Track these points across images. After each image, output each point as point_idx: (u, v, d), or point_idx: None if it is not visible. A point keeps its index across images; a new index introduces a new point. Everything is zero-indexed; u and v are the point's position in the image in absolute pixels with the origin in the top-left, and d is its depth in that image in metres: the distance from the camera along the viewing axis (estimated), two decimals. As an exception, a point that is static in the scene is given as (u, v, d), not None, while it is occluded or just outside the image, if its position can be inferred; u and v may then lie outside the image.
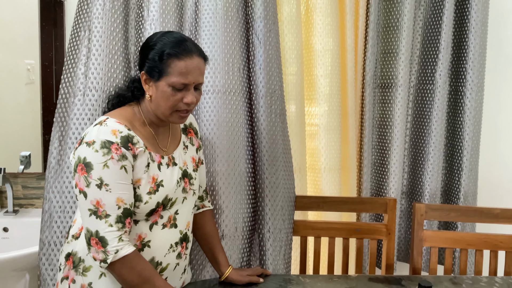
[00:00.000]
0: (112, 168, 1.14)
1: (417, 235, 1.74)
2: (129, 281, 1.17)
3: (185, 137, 1.42)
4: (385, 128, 1.99)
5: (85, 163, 1.14)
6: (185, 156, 1.39)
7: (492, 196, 2.19)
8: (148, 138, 1.27)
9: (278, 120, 1.72)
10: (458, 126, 1.99)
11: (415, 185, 2.06)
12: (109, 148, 1.15)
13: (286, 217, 1.76)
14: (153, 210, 1.23)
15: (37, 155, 1.98)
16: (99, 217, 1.14)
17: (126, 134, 1.19)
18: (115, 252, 1.14)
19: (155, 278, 1.17)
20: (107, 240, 1.14)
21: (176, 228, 1.31)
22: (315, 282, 1.54)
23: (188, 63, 1.20)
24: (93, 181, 1.14)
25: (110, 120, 1.20)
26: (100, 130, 1.17)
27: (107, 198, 1.14)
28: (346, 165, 2.01)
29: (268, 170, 1.71)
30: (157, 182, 1.24)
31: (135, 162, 1.20)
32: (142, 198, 1.21)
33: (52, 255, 1.59)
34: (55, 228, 1.59)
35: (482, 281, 1.59)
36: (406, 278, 1.60)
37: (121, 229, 1.15)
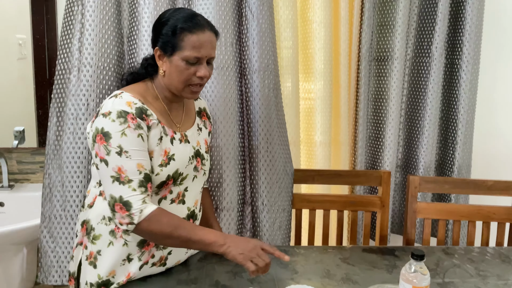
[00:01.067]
0: (130, 136, 1.18)
1: (410, 207, 1.76)
2: (161, 234, 1.19)
3: (199, 119, 1.45)
4: (381, 102, 1.99)
5: (103, 133, 1.18)
6: (199, 137, 1.42)
7: (487, 168, 2.20)
8: (161, 113, 1.30)
9: (272, 94, 1.71)
10: (454, 99, 1.99)
11: (409, 158, 2.07)
12: (125, 117, 1.18)
13: (282, 190, 1.78)
14: (163, 183, 1.26)
15: (31, 130, 1.97)
16: (122, 182, 1.17)
17: (140, 106, 1.22)
18: (140, 211, 1.16)
19: (185, 223, 1.21)
20: (131, 203, 1.16)
21: (184, 204, 1.34)
22: (309, 253, 1.56)
23: (201, 36, 1.23)
24: (113, 149, 1.17)
25: (125, 93, 1.23)
26: (115, 102, 1.20)
27: (128, 164, 1.17)
28: (338, 138, 2.02)
29: (262, 144, 1.72)
30: (169, 156, 1.27)
31: (149, 133, 1.23)
32: (153, 169, 1.24)
33: (52, 228, 1.61)
34: (54, 202, 1.60)
35: (474, 251, 1.61)
36: (399, 248, 1.63)
37: (144, 193, 1.18)
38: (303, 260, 1.51)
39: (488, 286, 1.37)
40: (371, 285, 1.33)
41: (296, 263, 1.49)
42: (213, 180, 1.70)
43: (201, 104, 1.49)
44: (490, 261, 1.54)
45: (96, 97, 1.55)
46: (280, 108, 1.77)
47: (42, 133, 1.96)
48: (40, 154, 1.95)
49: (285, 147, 1.79)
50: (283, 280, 1.35)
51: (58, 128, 1.59)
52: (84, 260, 1.31)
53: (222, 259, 1.47)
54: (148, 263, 1.32)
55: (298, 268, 1.45)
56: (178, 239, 1.21)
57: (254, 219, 1.80)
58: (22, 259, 1.82)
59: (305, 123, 2.03)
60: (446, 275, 1.43)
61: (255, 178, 1.75)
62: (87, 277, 1.30)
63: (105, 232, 1.28)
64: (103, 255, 1.28)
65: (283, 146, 1.78)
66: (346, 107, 1.98)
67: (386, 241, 1.84)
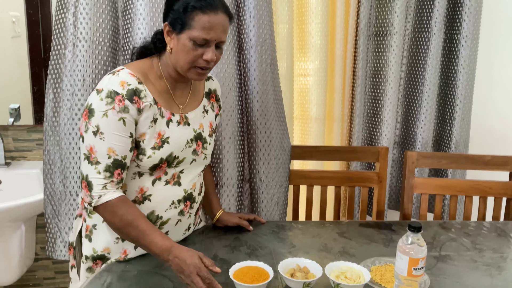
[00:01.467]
0: (111, 118, 1.16)
1: (408, 182, 1.76)
2: (111, 225, 1.21)
3: (207, 101, 1.41)
4: (379, 78, 1.97)
5: (90, 109, 1.17)
6: (203, 119, 1.38)
7: (484, 144, 2.20)
8: (161, 93, 1.26)
9: (268, 69, 1.70)
10: (452, 74, 1.97)
11: (407, 134, 2.07)
12: (113, 98, 1.16)
13: (280, 166, 1.77)
14: (156, 165, 1.24)
15: (27, 108, 1.95)
16: (91, 162, 1.17)
17: (133, 87, 1.19)
18: (98, 197, 1.17)
19: (138, 221, 1.17)
20: (92, 185, 1.17)
21: (180, 186, 1.32)
22: (307, 228, 1.57)
23: (212, 18, 1.17)
24: (91, 128, 1.16)
25: (124, 71, 1.20)
26: (111, 80, 1.18)
27: (99, 146, 1.16)
28: (332, 114, 2.01)
29: (260, 120, 1.71)
30: (163, 138, 1.24)
31: (139, 116, 1.20)
32: (145, 152, 1.22)
33: (55, 204, 1.61)
34: (55, 179, 1.60)
35: (470, 226, 1.63)
36: (396, 223, 1.64)
37: (108, 178, 1.17)
38: (301, 234, 1.52)
39: (484, 259, 1.38)
40: (368, 258, 1.34)
41: (294, 237, 1.50)
42: (214, 156, 1.69)
43: (212, 85, 1.44)
44: (486, 235, 1.55)
45: (92, 73, 1.53)
46: (277, 84, 1.75)
47: (37, 110, 1.94)
48: (36, 132, 1.94)
49: (282, 123, 1.78)
50: (280, 253, 1.36)
51: (55, 104, 1.57)
52: (83, 233, 1.32)
53: (220, 234, 1.49)
54: None
55: (296, 242, 1.46)
56: (127, 236, 1.21)
57: (252, 195, 1.80)
58: (20, 237, 1.82)
59: (300, 99, 2.02)
60: (443, 248, 1.44)
61: (253, 154, 1.75)
62: (83, 250, 1.31)
63: None
64: (98, 230, 1.29)
65: (280, 122, 1.77)
66: (341, 83, 1.96)
67: (383, 216, 1.85)
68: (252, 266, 1.21)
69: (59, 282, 2.10)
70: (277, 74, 1.74)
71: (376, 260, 1.34)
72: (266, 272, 1.18)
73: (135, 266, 1.26)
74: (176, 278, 1.20)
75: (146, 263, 1.28)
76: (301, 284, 1.14)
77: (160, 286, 1.16)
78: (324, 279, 1.18)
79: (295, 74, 1.97)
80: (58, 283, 2.10)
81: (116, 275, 1.22)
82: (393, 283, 1.17)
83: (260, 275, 1.17)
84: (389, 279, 1.23)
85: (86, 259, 1.30)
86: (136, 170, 1.25)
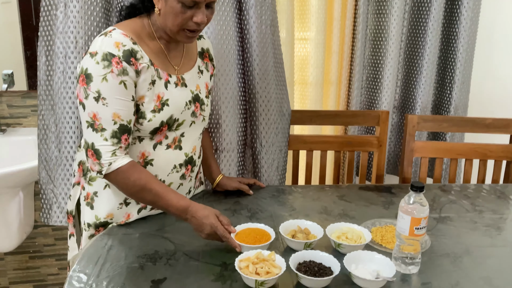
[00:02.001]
0: (111, 82, 1.12)
1: (408, 146, 1.76)
2: (125, 191, 1.20)
3: (201, 61, 1.37)
4: (380, 41, 1.94)
5: (86, 74, 1.12)
6: (199, 80, 1.34)
7: (483, 109, 2.19)
8: (156, 53, 1.22)
9: (268, 31, 1.65)
10: (453, 37, 1.94)
11: (407, 99, 2.05)
12: (110, 61, 1.11)
13: (279, 131, 1.76)
14: (157, 129, 1.22)
15: (21, 73, 1.90)
16: (95, 130, 1.14)
17: (129, 48, 1.14)
18: (108, 164, 1.14)
19: (151, 184, 1.17)
20: (100, 153, 1.14)
21: (181, 150, 1.30)
22: (307, 192, 1.57)
23: None
24: (91, 94, 1.12)
25: (116, 31, 1.15)
26: (104, 41, 1.13)
27: (103, 112, 1.13)
28: (328, 78, 1.98)
29: (259, 84, 1.68)
30: (162, 101, 1.21)
31: (137, 78, 1.16)
32: (145, 115, 1.19)
33: (50, 170, 1.60)
34: (50, 144, 1.57)
35: (470, 188, 1.63)
36: (396, 186, 1.64)
37: (116, 144, 1.15)
38: (301, 198, 1.52)
39: (484, 220, 1.39)
40: (368, 220, 1.34)
41: (294, 201, 1.50)
42: (213, 122, 1.67)
43: (204, 44, 1.40)
44: (486, 197, 1.56)
45: (84, 34, 1.49)
46: (277, 46, 1.71)
47: (31, 76, 1.90)
48: (31, 98, 1.90)
49: (282, 87, 1.75)
50: (281, 216, 1.36)
51: (48, 68, 1.53)
52: (83, 201, 1.31)
53: (221, 198, 1.48)
54: (146, 207, 1.31)
55: (296, 205, 1.46)
56: (142, 200, 1.21)
57: (253, 160, 1.79)
58: (19, 203, 1.81)
59: (299, 64, 1.98)
60: (443, 210, 1.44)
61: (253, 119, 1.73)
62: (85, 218, 1.30)
63: None
64: (99, 197, 1.27)
65: (280, 86, 1.74)
66: (338, 47, 1.92)
67: (382, 180, 1.85)
68: (254, 228, 1.21)
69: (59, 248, 2.11)
70: (278, 36, 1.70)
71: (377, 221, 1.34)
72: (268, 234, 1.19)
73: (137, 229, 1.26)
74: (177, 240, 1.20)
75: (147, 226, 1.28)
76: (302, 244, 1.15)
77: (162, 248, 1.16)
78: (325, 240, 1.18)
79: (296, 38, 1.93)
80: (58, 249, 2.11)
81: (117, 238, 1.22)
82: (394, 244, 1.17)
83: (262, 237, 1.17)
84: (390, 239, 1.23)
85: (88, 227, 1.29)
86: (136, 135, 1.22)
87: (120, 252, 1.15)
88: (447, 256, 1.17)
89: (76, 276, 1.04)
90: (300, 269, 1.03)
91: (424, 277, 1.08)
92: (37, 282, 2.15)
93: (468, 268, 1.12)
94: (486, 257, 1.18)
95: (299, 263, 1.06)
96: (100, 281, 1.02)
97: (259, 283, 0.99)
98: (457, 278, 1.08)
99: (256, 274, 1.00)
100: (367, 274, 1.03)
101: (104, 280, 1.03)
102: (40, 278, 2.15)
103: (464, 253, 1.19)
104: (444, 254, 1.18)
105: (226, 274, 1.06)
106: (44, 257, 2.11)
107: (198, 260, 1.12)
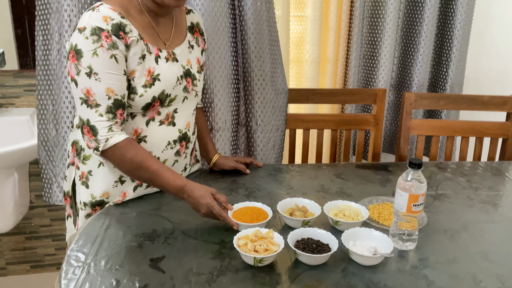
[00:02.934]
0: (102, 56, 1.10)
1: (405, 124, 1.75)
2: (121, 168, 1.19)
3: (191, 36, 1.35)
4: (377, 18, 1.91)
5: (76, 50, 1.10)
6: (190, 55, 1.32)
7: (480, 86, 2.18)
8: (145, 28, 1.20)
9: (264, 8, 1.62)
10: (450, 13, 1.91)
11: (403, 77, 2.04)
12: (99, 35, 1.09)
13: (276, 110, 1.74)
14: (149, 104, 1.20)
15: (11, 52, 1.86)
16: (90, 106, 1.12)
17: (117, 22, 1.12)
18: (105, 140, 1.13)
19: (148, 162, 1.17)
20: (97, 129, 1.13)
21: (175, 126, 1.29)
22: (303, 170, 1.57)
23: None
24: (83, 69, 1.10)
25: (104, 6, 1.13)
26: (92, 16, 1.10)
27: (96, 88, 1.11)
28: (325, 56, 1.96)
29: (255, 62, 1.66)
30: (153, 76, 1.19)
31: (127, 52, 1.14)
32: (137, 90, 1.17)
33: (49, 150, 1.59)
34: (47, 124, 1.55)
35: (466, 166, 1.63)
36: (392, 164, 1.64)
37: (112, 120, 1.14)
38: (298, 176, 1.52)
39: (480, 196, 1.39)
40: (365, 198, 1.35)
41: (291, 179, 1.50)
42: (206, 101, 1.65)
43: (193, 19, 1.37)
44: (482, 174, 1.56)
45: (78, 12, 1.46)
46: (273, 24, 1.68)
47: (22, 55, 1.86)
48: (23, 77, 1.87)
49: (278, 65, 1.73)
50: (278, 194, 1.36)
51: (44, 47, 1.52)
52: (78, 181, 1.30)
53: (218, 177, 1.48)
54: (142, 185, 1.30)
55: (293, 184, 1.46)
56: (139, 178, 1.20)
57: (248, 139, 1.78)
58: (14, 184, 1.80)
59: (295, 41, 1.96)
60: (439, 187, 1.45)
61: (249, 97, 1.71)
62: (81, 197, 1.29)
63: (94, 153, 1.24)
64: (94, 175, 1.26)
65: (275, 64, 1.72)
66: (335, 24, 1.90)
67: (379, 159, 1.85)
68: (251, 207, 1.21)
69: (56, 229, 2.11)
70: (273, 13, 1.67)
71: (374, 199, 1.34)
72: (265, 212, 1.18)
73: (134, 208, 1.26)
74: (175, 219, 1.20)
75: (145, 205, 1.27)
76: (300, 222, 1.15)
77: (159, 227, 1.16)
78: (322, 217, 1.18)
79: (291, 16, 1.90)
80: (54, 229, 2.11)
81: (114, 217, 1.21)
82: (391, 221, 1.18)
83: (259, 215, 1.17)
84: (387, 216, 1.23)
85: (84, 206, 1.28)
86: (128, 111, 1.21)
87: (117, 231, 1.14)
88: (444, 232, 1.18)
89: (74, 256, 1.04)
90: (298, 246, 1.03)
91: (421, 253, 1.08)
92: (34, 263, 2.15)
93: (465, 244, 1.13)
94: (482, 232, 1.19)
95: (297, 241, 1.06)
96: (98, 260, 1.02)
97: (257, 260, 0.99)
98: (454, 253, 1.08)
99: (254, 251, 1.00)
100: (365, 250, 1.03)
101: (102, 259, 1.03)
102: (37, 259, 2.15)
103: (461, 229, 1.20)
104: (441, 230, 1.19)
105: (225, 252, 1.06)
106: (41, 237, 2.11)
107: (196, 238, 1.12)
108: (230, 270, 1.00)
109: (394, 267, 1.03)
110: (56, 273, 2.16)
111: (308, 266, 1.01)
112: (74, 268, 0.99)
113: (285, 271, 1.00)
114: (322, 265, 1.02)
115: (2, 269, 2.13)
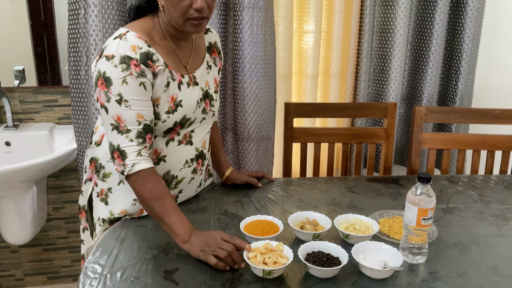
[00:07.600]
0: (131, 84, 1.12)
1: (416, 137, 1.76)
2: (140, 195, 1.18)
3: (209, 56, 1.37)
4: (387, 33, 1.94)
5: (105, 78, 1.12)
6: (208, 76, 1.35)
7: (491, 99, 2.19)
8: (168, 54, 1.23)
9: (260, 32, 1.72)
10: (459, 28, 1.93)
11: (413, 90, 2.05)
12: (128, 63, 1.12)
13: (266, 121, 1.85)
14: (171, 129, 1.24)
15: (31, 69, 1.93)
16: (121, 132, 1.14)
17: (145, 51, 1.15)
18: (132, 165, 1.14)
19: (165, 198, 1.16)
20: (126, 153, 1.14)
21: (192, 145, 1.32)
22: (315, 184, 1.59)
23: None
24: (113, 97, 1.12)
25: (130, 34, 1.16)
26: (120, 44, 1.13)
27: (127, 114, 1.14)
28: (329, 71, 1.99)
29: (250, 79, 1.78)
30: (176, 102, 1.23)
31: (154, 80, 1.17)
32: (160, 116, 1.20)
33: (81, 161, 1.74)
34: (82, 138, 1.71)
35: (478, 179, 1.64)
36: (403, 178, 1.65)
37: (141, 144, 1.16)
38: (309, 190, 1.54)
39: (491, 210, 1.40)
40: (376, 211, 1.36)
41: (302, 193, 1.52)
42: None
43: (211, 38, 1.39)
44: (494, 188, 1.56)
45: (103, 37, 1.58)
46: (269, 44, 1.76)
47: (42, 72, 1.93)
48: (42, 93, 1.93)
49: (271, 81, 1.81)
50: (289, 208, 1.38)
51: (75, 65, 1.65)
52: (96, 197, 1.33)
53: (230, 191, 1.51)
54: None
55: (304, 197, 1.48)
56: (151, 210, 1.16)
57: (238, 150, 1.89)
58: (32, 197, 1.85)
59: (297, 56, 2.00)
60: (450, 201, 1.45)
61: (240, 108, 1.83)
62: (99, 213, 1.32)
63: (115, 171, 1.26)
64: (114, 193, 1.29)
65: (268, 80, 1.80)
66: (340, 39, 1.93)
67: (390, 172, 1.86)
68: (262, 220, 1.23)
69: (72, 241, 2.15)
70: (271, 34, 1.76)
71: (384, 212, 1.35)
72: (276, 225, 1.21)
73: (150, 221, 1.29)
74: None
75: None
76: (311, 235, 1.16)
77: (173, 240, 1.18)
78: (333, 231, 1.20)
79: (294, 31, 1.94)
80: (71, 242, 2.15)
81: (130, 229, 1.25)
82: (401, 234, 1.19)
83: (271, 228, 1.19)
84: (397, 230, 1.25)
85: (103, 222, 1.31)
86: None
87: (133, 243, 1.17)
88: (454, 246, 1.19)
89: (91, 267, 1.07)
90: (308, 259, 1.05)
91: (431, 267, 1.09)
92: (51, 274, 2.20)
93: (475, 258, 1.14)
94: (493, 246, 1.19)
95: (308, 254, 1.08)
96: (114, 271, 1.05)
97: (266, 273, 1.01)
98: (464, 267, 1.09)
99: (263, 264, 1.02)
100: (375, 264, 1.05)
101: (118, 271, 1.06)
102: (54, 270, 2.19)
103: (471, 243, 1.20)
104: (451, 244, 1.20)
105: (237, 265, 1.08)
106: (58, 249, 2.16)
107: (209, 251, 1.14)
108: (242, 282, 1.02)
109: (404, 281, 1.04)
110: (72, 284, 2.20)
111: (319, 279, 1.03)
112: (91, 279, 1.03)
113: (295, 284, 1.02)
114: (332, 278, 1.03)
115: (20, 280, 2.18)
